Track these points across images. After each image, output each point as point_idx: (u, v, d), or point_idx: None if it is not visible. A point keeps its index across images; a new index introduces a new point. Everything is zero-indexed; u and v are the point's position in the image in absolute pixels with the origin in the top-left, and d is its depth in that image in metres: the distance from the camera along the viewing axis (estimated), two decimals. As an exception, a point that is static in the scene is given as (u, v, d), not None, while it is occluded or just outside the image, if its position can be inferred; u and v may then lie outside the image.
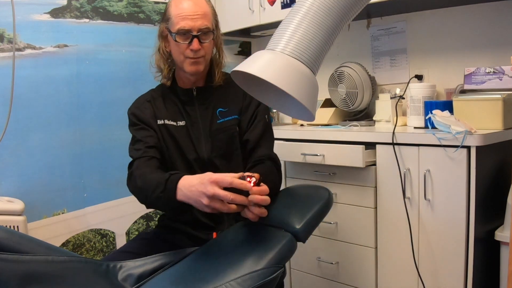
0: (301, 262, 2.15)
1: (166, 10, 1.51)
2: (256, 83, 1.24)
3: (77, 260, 1.22)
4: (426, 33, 2.28)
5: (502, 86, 1.82)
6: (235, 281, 1.09)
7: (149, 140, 1.49)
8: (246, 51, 3.16)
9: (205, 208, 1.20)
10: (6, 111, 2.18)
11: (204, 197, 1.18)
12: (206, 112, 1.54)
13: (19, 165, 2.28)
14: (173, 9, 1.48)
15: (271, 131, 1.61)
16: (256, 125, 1.55)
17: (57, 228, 2.39)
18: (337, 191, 1.98)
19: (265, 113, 1.59)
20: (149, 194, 1.31)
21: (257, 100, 1.49)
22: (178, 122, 1.53)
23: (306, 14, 1.12)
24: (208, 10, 1.50)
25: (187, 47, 1.46)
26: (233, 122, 1.55)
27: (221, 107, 1.55)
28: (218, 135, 1.53)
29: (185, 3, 1.47)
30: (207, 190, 1.17)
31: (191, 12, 1.45)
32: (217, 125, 1.53)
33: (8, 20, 2.20)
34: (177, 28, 1.45)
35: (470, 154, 1.60)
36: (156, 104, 1.56)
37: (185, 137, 1.52)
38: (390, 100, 2.18)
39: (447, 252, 1.68)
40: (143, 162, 1.43)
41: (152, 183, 1.31)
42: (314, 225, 1.36)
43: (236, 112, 1.56)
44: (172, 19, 1.47)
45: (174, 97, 1.57)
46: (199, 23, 1.45)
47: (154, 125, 1.53)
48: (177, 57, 1.51)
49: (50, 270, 1.15)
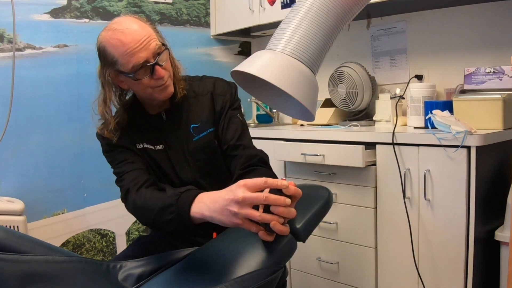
0: (301, 262, 2.15)
1: (104, 54, 1.29)
2: (256, 83, 1.24)
3: (77, 260, 1.21)
4: (426, 33, 2.28)
5: (502, 86, 1.82)
6: (235, 281, 1.09)
7: (135, 160, 1.36)
8: (246, 51, 3.16)
9: (233, 219, 1.02)
10: (6, 111, 2.18)
11: (233, 204, 1.01)
12: (179, 132, 1.42)
13: (19, 165, 2.28)
14: (112, 50, 1.26)
15: (247, 129, 1.47)
16: (230, 126, 1.42)
17: (57, 228, 2.39)
18: (337, 191, 1.98)
19: (238, 113, 1.46)
20: (153, 215, 1.19)
21: (228, 102, 1.44)
22: (156, 146, 1.41)
23: (306, 14, 1.12)
24: (147, 28, 1.30)
25: (150, 79, 1.29)
26: (210, 136, 1.42)
27: (193, 122, 1.42)
28: (197, 154, 1.41)
29: (122, 37, 1.24)
30: (236, 195, 1.00)
31: (136, 42, 1.24)
32: (194, 144, 1.41)
33: (8, 20, 2.21)
34: (132, 66, 1.25)
35: (470, 154, 1.60)
36: (129, 128, 1.40)
37: (166, 161, 1.41)
38: (390, 100, 2.18)
39: (447, 252, 1.68)
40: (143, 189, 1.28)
41: (157, 203, 1.18)
42: (314, 225, 1.36)
43: (210, 124, 1.43)
44: (119, 61, 1.26)
45: (144, 122, 1.42)
46: (150, 48, 1.26)
47: (135, 149, 1.40)
48: (143, 92, 1.34)
49: (50, 270, 1.15)
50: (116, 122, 1.36)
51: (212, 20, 2.96)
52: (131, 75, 1.27)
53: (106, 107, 1.35)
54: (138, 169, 1.34)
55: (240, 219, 1.01)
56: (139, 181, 1.30)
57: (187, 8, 2.88)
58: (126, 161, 1.37)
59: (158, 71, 1.28)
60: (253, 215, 1.00)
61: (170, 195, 1.18)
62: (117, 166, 1.38)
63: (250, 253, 1.17)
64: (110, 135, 1.36)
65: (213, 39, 3.00)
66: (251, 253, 1.17)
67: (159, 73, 1.29)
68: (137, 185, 1.29)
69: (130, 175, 1.33)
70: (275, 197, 1.00)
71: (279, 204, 0.99)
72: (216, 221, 1.06)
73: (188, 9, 2.89)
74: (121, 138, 1.39)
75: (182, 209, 1.12)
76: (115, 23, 1.29)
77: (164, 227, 1.18)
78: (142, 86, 1.31)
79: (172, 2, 2.81)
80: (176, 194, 1.16)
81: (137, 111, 1.43)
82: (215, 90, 1.45)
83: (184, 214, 1.11)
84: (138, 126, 1.42)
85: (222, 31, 2.91)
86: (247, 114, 3.13)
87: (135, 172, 1.33)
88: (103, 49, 1.29)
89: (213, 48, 3.01)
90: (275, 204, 1.00)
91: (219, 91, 1.45)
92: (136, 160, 1.37)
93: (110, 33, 1.28)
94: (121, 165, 1.37)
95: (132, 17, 1.31)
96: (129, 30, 1.25)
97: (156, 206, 1.18)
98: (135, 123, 1.42)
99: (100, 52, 1.31)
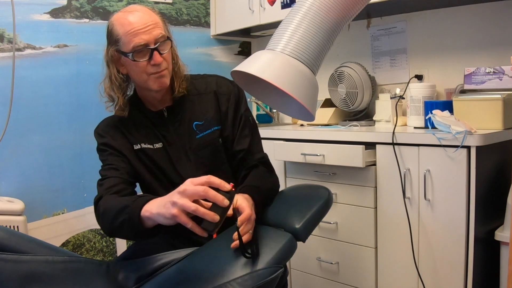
0: (301, 262, 2.15)
1: (110, 33, 1.35)
2: (256, 83, 1.24)
3: (77, 260, 1.22)
4: (426, 33, 2.28)
5: (502, 86, 1.82)
6: (235, 281, 1.09)
7: (121, 168, 1.36)
8: (246, 51, 3.16)
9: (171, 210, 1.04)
10: (6, 111, 2.18)
11: (175, 195, 1.04)
12: (181, 130, 1.42)
13: (19, 165, 2.28)
14: (118, 28, 1.31)
15: (258, 131, 1.51)
16: (243, 131, 1.44)
17: (57, 228, 2.39)
18: (337, 191, 1.98)
19: (248, 115, 1.48)
20: (111, 218, 1.18)
21: (234, 102, 1.44)
22: (154, 145, 1.41)
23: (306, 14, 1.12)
24: (157, 17, 1.36)
25: (147, 63, 1.32)
26: (214, 134, 1.43)
27: (196, 120, 1.43)
28: (200, 151, 1.41)
29: (131, 17, 1.31)
30: (180, 187, 1.04)
31: (142, 24, 1.30)
32: (197, 141, 1.41)
33: (8, 20, 2.21)
34: (132, 46, 1.29)
35: (470, 154, 1.60)
36: (128, 128, 1.42)
37: (165, 159, 1.41)
38: (390, 100, 2.18)
39: (447, 252, 1.68)
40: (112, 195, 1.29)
41: (117, 206, 1.18)
42: (314, 225, 1.36)
43: (215, 123, 1.44)
44: (122, 39, 1.31)
45: (144, 119, 1.43)
46: (154, 33, 1.31)
47: (128, 152, 1.40)
48: (139, 77, 1.36)
49: (50, 270, 1.15)
50: (125, 97, 1.40)
51: (212, 20, 2.96)
52: (129, 55, 1.30)
53: (112, 85, 1.38)
54: (119, 177, 1.33)
55: (177, 209, 1.02)
56: (113, 190, 1.29)
57: (187, 8, 2.88)
58: (112, 166, 1.36)
59: (156, 56, 1.31)
60: (188, 206, 1.01)
61: (129, 198, 1.19)
62: (103, 168, 1.39)
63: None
64: (121, 113, 1.40)
65: (213, 39, 3.00)
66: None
67: (156, 58, 1.31)
68: (109, 192, 1.28)
69: (109, 181, 1.32)
70: (214, 193, 1.03)
71: (217, 200, 1.02)
72: (160, 217, 1.07)
73: (188, 9, 2.89)
74: (117, 139, 1.40)
75: (135, 209, 1.13)
76: (128, 7, 1.37)
77: (119, 231, 1.17)
78: (138, 70, 1.33)
79: (172, 2, 2.81)
80: (134, 197, 1.17)
81: (138, 108, 1.44)
82: (219, 89, 1.46)
83: (135, 214, 1.12)
84: (137, 125, 1.42)
85: (222, 31, 2.91)
86: (247, 114, 3.13)
87: (115, 180, 1.32)
88: (111, 28, 1.34)
89: (213, 48, 3.01)
90: (213, 200, 1.03)
91: (223, 90, 1.46)
92: (122, 168, 1.36)
93: (121, 14, 1.34)
94: (107, 169, 1.37)
95: (146, 7, 1.39)
96: (138, 13, 1.32)
97: (115, 209, 1.18)
98: (135, 121, 1.42)
99: (108, 32, 1.35)
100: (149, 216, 1.10)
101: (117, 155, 1.38)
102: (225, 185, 1.06)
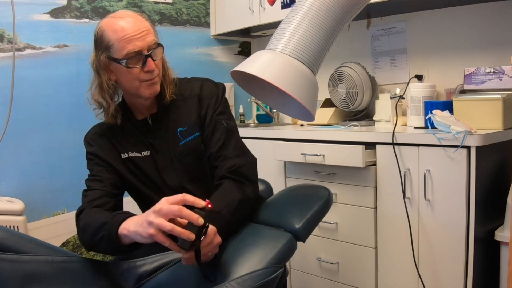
0: (301, 262, 2.15)
1: (100, 38, 1.30)
2: (256, 83, 1.24)
3: (77, 260, 1.22)
4: (426, 33, 2.28)
5: (502, 86, 1.82)
6: (235, 281, 1.09)
7: (105, 180, 1.34)
8: (246, 51, 3.16)
9: (148, 229, 1.05)
10: (6, 111, 2.18)
11: (151, 214, 1.05)
12: (167, 136, 1.39)
13: (19, 165, 2.28)
14: (110, 34, 1.27)
15: (234, 135, 1.41)
16: (214, 135, 1.38)
17: (57, 228, 2.39)
18: (337, 191, 1.98)
19: (222, 118, 1.40)
20: (90, 234, 1.18)
21: (212, 105, 1.40)
22: (142, 153, 1.39)
23: (306, 14, 1.12)
24: (148, 24, 1.32)
25: (140, 70, 1.29)
26: (196, 140, 1.39)
27: (180, 126, 1.40)
28: (184, 158, 1.38)
29: (123, 23, 1.27)
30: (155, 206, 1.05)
31: (135, 30, 1.27)
32: (181, 148, 1.38)
33: (8, 20, 2.21)
34: (126, 53, 1.26)
35: (470, 154, 1.60)
36: (116, 137, 1.39)
37: (152, 167, 1.39)
38: (390, 100, 2.18)
39: (447, 252, 1.68)
40: (92, 208, 1.27)
41: (96, 222, 1.18)
42: (313, 225, 1.36)
43: (197, 129, 1.40)
44: (114, 45, 1.27)
45: (131, 127, 1.41)
46: (147, 40, 1.28)
47: (114, 162, 1.38)
48: (130, 84, 1.32)
49: (50, 270, 1.15)
50: (118, 104, 1.37)
51: (212, 20, 2.96)
52: (123, 62, 1.27)
53: (103, 92, 1.34)
54: (103, 190, 1.32)
55: (154, 229, 1.03)
56: (95, 203, 1.28)
57: (187, 8, 2.88)
58: (96, 178, 1.35)
59: (149, 63, 1.29)
60: (165, 226, 1.02)
61: (107, 214, 1.19)
62: (89, 178, 1.37)
63: (250, 253, 1.17)
64: (112, 120, 1.37)
65: (213, 39, 3.00)
66: (251, 253, 1.17)
67: (150, 65, 1.29)
68: (91, 206, 1.27)
69: (92, 194, 1.31)
70: (189, 212, 1.03)
71: (192, 220, 1.03)
72: (138, 235, 1.08)
73: (188, 9, 2.89)
74: (105, 148, 1.38)
75: (113, 227, 1.13)
76: (118, 12, 1.33)
77: (98, 246, 1.17)
78: (131, 77, 1.30)
79: (172, 2, 2.81)
80: (112, 214, 1.17)
81: (126, 115, 1.41)
82: (202, 93, 1.42)
83: (113, 230, 1.12)
84: (125, 133, 1.40)
85: (222, 31, 2.91)
86: (247, 114, 3.13)
87: (98, 192, 1.31)
88: (101, 34, 1.30)
89: (213, 48, 3.01)
90: (187, 219, 1.03)
91: (205, 94, 1.42)
92: (106, 179, 1.35)
93: (111, 19, 1.30)
94: (92, 180, 1.35)
95: (135, 12, 1.34)
96: (130, 19, 1.29)
97: (94, 225, 1.18)
98: (123, 129, 1.40)
99: (97, 37, 1.31)
100: (127, 234, 1.10)
101: (102, 165, 1.37)
102: (199, 202, 1.06)
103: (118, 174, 1.38)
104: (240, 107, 3.06)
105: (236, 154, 1.36)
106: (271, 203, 1.46)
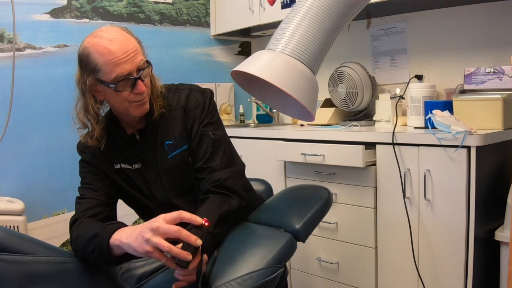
0: (301, 262, 2.15)
1: (86, 60, 1.24)
2: (256, 83, 1.24)
3: (78, 261, 1.22)
4: (426, 33, 2.28)
5: (502, 86, 1.82)
6: (235, 281, 1.09)
7: (99, 189, 1.33)
8: (246, 51, 3.16)
9: (145, 246, 1.05)
10: (6, 111, 2.18)
11: (148, 231, 1.04)
12: (155, 150, 1.37)
13: (19, 165, 2.28)
14: (97, 57, 1.21)
15: (223, 145, 1.37)
16: (201, 146, 1.35)
17: (57, 228, 2.39)
18: (337, 191, 1.98)
19: (208, 129, 1.36)
20: (82, 245, 1.18)
21: (198, 117, 1.36)
22: (133, 165, 1.37)
23: (306, 14, 1.12)
24: (135, 41, 1.27)
25: (130, 92, 1.25)
26: (184, 153, 1.36)
27: (167, 139, 1.37)
28: (172, 173, 1.36)
29: (111, 45, 1.21)
30: (152, 223, 1.05)
31: (123, 53, 1.21)
32: (169, 161, 1.36)
33: (8, 20, 2.21)
34: (114, 76, 1.21)
35: (470, 154, 1.60)
36: (108, 146, 1.36)
37: (142, 181, 1.37)
38: (390, 100, 2.18)
39: (447, 252, 1.68)
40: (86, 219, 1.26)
41: (88, 234, 1.17)
42: (313, 225, 1.36)
43: (184, 141, 1.37)
44: (102, 69, 1.21)
45: (122, 140, 1.38)
46: (136, 61, 1.23)
47: (108, 171, 1.36)
48: (120, 105, 1.29)
49: (50, 270, 1.15)
50: (101, 128, 1.32)
51: (212, 20, 2.96)
52: (112, 86, 1.23)
53: (88, 115, 1.30)
54: (97, 199, 1.31)
55: (151, 247, 1.04)
56: (89, 213, 1.27)
57: (187, 8, 2.88)
58: (90, 186, 1.33)
59: (139, 85, 1.25)
60: (162, 245, 1.02)
61: (99, 226, 1.18)
62: (82, 186, 1.36)
63: (250, 253, 1.17)
64: (96, 143, 1.32)
65: (213, 39, 3.00)
66: (251, 253, 1.17)
67: (140, 87, 1.25)
68: (85, 216, 1.27)
69: (86, 202, 1.30)
70: (187, 234, 1.04)
71: (190, 241, 1.04)
72: (131, 249, 1.08)
73: (188, 9, 2.89)
74: (98, 156, 1.36)
75: (104, 238, 1.13)
76: (102, 30, 1.26)
77: (90, 257, 1.17)
78: (120, 99, 1.27)
79: (172, 2, 2.81)
80: (104, 225, 1.17)
81: (115, 128, 1.38)
82: (188, 104, 1.38)
83: (104, 242, 1.12)
84: (116, 144, 1.38)
85: (222, 31, 2.91)
86: (247, 114, 3.13)
87: (92, 201, 1.30)
88: (86, 55, 1.24)
89: (213, 48, 3.01)
90: (186, 240, 1.04)
91: (191, 104, 1.38)
92: (99, 188, 1.33)
93: (97, 39, 1.24)
94: (85, 187, 1.34)
95: (120, 28, 1.28)
96: (117, 40, 1.22)
97: (86, 237, 1.18)
98: (114, 140, 1.38)
99: (83, 58, 1.25)
100: (119, 245, 1.10)
101: (96, 174, 1.35)
102: (196, 219, 1.06)
103: (112, 183, 1.36)
104: (240, 107, 3.06)
105: (223, 166, 1.33)
106: (271, 203, 1.46)
